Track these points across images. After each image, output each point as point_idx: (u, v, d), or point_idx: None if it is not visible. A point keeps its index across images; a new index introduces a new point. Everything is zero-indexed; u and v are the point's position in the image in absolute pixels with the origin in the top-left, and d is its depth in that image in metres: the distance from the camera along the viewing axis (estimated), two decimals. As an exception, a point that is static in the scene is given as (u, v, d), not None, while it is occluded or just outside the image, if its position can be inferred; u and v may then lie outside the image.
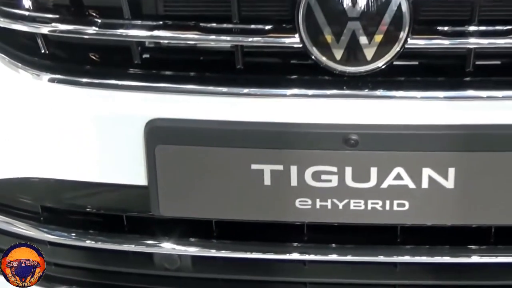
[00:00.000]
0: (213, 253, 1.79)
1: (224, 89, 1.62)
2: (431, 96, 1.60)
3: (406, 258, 1.76)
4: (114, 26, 1.63)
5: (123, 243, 1.83)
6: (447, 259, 1.76)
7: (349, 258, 1.78)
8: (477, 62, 1.59)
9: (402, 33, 1.53)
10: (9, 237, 2.00)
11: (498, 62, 1.64)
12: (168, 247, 1.78)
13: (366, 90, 1.59)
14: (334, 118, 1.61)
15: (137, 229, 1.82)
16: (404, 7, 1.51)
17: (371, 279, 1.85)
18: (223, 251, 1.78)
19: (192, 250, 1.79)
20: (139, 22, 1.63)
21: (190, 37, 1.64)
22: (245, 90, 1.61)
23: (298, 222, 1.72)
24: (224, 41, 1.63)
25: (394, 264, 1.79)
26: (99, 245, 1.83)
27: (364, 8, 1.51)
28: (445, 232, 1.75)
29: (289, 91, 1.60)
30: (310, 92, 1.60)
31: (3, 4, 1.67)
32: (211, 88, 1.63)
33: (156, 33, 1.62)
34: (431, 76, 1.61)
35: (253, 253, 1.78)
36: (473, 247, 1.75)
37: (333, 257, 1.77)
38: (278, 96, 1.62)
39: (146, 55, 1.66)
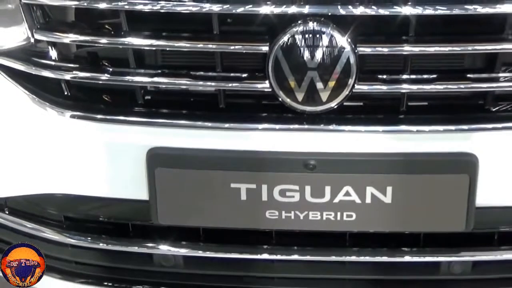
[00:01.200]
0: (200, 253, 1.78)
1: (209, 124, 1.62)
2: (373, 130, 1.61)
3: (353, 258, 1.76)
4: (122, 74, 1.64)
5: (129, 245, 1.81)
6: (385, 259, 1.76)
7: (308, 258, 1.77)
8: (409, 103, 1.61)
9: (350, 80, 1.54)
10: (38, 240, 1.91)
11: (426, 103, 1.66)
12: (164, 248, 1.78)
13: (322, 125, 1.60)
14: (296, 147, 1.61)
15: (140, 234, 1.81)
16: (352, 60, 1.52)
17: (325, 274, 1.84)
18: (208, 252, 1.77)
19: (184, 251, 1.78)
20: (142, 70, 1.64)
21: (183, 83, 1.64)
22: (226, 125, 1.62)
23: (268, 229, 1.71)
24: (210, 86, 1.64)
25: (344, 262, 1.79)
26: (109, 247, 1.81)
27: (320, 60, 1.52)
28: (385, 237, 1.75)
29: (260, 126, 1.61)
30: (277, 126, 1.61)
31: (34, 56, 1.67)
32: (199, 123, 1.63)
33: (155, 79, 1.63)
34: (373, 114, 1.62)
35: (232, 253, 1.77)
36: (406, 249, 1.76)
37: (295, 257, 1.76)
38: (252, 130, 1.63)
39: (147, 97, 1.67)
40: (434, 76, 1.60)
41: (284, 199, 1.61)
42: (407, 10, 1.52)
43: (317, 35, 1.53)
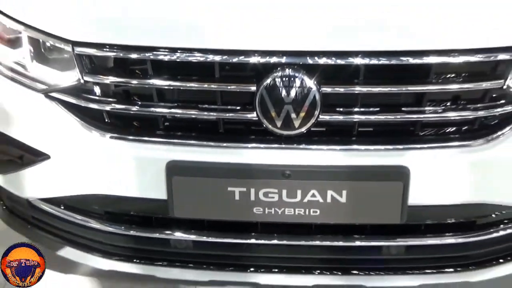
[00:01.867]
0: (204, 238, 1.81)
1: (212, 143, 1.67)
2: (332, 148, 1.65)
3: (317, 242, 1.78)
4: (148, 106, 1.69)
5: (151, 232, 1.83)
6: (341, 243, 1.79)
7: (284, 242, 1.79)
8: (359, 129, 1.66)
9: (316, 112, 1.58)
10: (85, 229, 1.90)
11: (371, 129, 1.69)
12: (178, 235, 1.80)
13: (295, 145, 1.64)
14: (276, 161, 1.66)
15: (160, 225, 1.83)
16: (317, 97, 1.56)
17: (297, 254, 1.86)
18: (210, 238, 1.80)
19: (192, 237, 1.81)
20: (162, 104, 1.69)
21: (192, 113, 1.68)
22: (224, 144, 1.67)
23: (255, 221, 1.74)
24: (212, 116, 1.68)
25: (311, 246, 1.82)
26: (137, 234, 1.84)
27: (293, 97, 1.57)
28: (341, 228, 1.77)
29: (249, 145, 1.66)
30: (262, 145, 1.65)
31: (83, 92, 1.71)
32: (204, 143, 1.68)
33: (172, 110, 1.68)
34: (333, 136, 1.66)
35: (228, 239, 1.81)
36: (356, 236, 1.78)
37: (275, 241, 1.78)
38: (243, 148, 1.67)
39: (166, 123, 1.71)
40: (378, 109, 1.63)
41: (266, 199, 1.65)
42: (358, 60, 1.56)
43: (292, 79, 1.57)
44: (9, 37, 1.80)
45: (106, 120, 1.70)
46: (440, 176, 1.64)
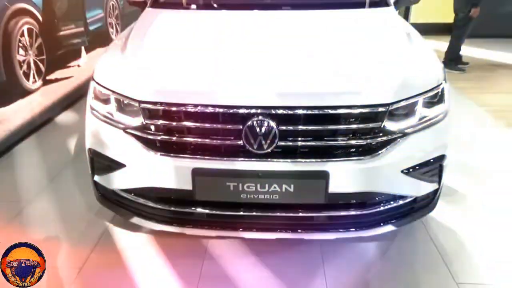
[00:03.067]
0: (214, 212, 1.75)
1: (217, 158, 1.67)
2: (285, 161, 1.64)
3: (277, 214, 1.74)
4: (181, 137, 1.69)
5: (183, 208, 1.78)
6: (291, 214, 1.74)
7: (259, 214, 1.74)
8: (301, 149, 1.66)
9: (276, 140, 1.61)
10: (145, 206, 1.83)
11: (307, 150, 1.67)
12: (199, 209, 1.76)
13: (264, 158, 1.64)
14: (253, 167, 1.65)
15: (188, 203, 1.77)
16: (277, 132, 1.60)
17: (266, 220, 1.79)
18: (216, 211, 1.75)
19: (206, 211, 1.75)
20: (189, 135, 1.69)
21: (206, 141, 1.67)
22: (225, 159, 1.67)
23: (241, 202, 1.70)
24: (217, 142, 1.67)
25: (274, 216, 1.75)
26: (175, 209, 1.79)
27: (263, 132, 1.59)
28: (293, 206, 1.73)
29: (238, 159, 1.66)
30: (245, 159, 1.65)
31: (145, 129, 1.71)
32: (213, 157, 1.67)
33: (195, 140, 1.68)
34: (286, 154, 1.66)
35: (227, 212, 1.75)
36: (301, 210, 1.73)
37: (253, 213, 1.74)
38: (235, 160, 1.66)
39: (192, 146, 1.69)
40: (311, 138, 1.66)
41: (248, 189, 1.66)
42: (299, 111, 1.61)
43: (262, 122, 1.61)
44: (102, 98, 1.87)
45: (157, 145, 1.72)
46: (347, 176, 1.66)
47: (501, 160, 3.08)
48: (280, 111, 1.61)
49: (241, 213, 1.75)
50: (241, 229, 1.82)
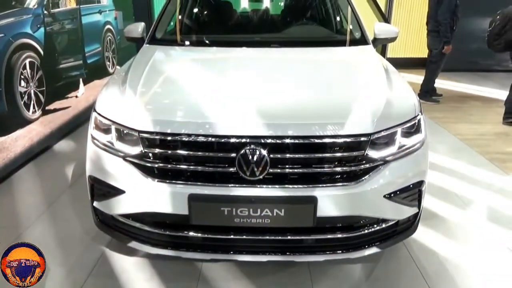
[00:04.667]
0: (207, 235, 1.76)
1: (211, 184, 1.69)
2: (276, 187, 1.67)
3: (267, 237, 1.75)
4: (177, 165, 1.71)
5: (179, 232, 1.78)
6: (281, 237, 1.76)
7: (251, 237, 1.76)
8: (290, 176, 1.69)
9: (267, 167, 1.64)
10: (142, 231, 1.84)
11: (297, 176, 1.70)
12: (194, 233, 1.77)
13: (256, 185, 1.67)
14: (246, 193, 1.67)
15: (184, 228, 1.78)
16: (268, 160, 1.63)
17: (258, 244, 1.80)
18: (210, 235, 1.77)
19: (201, 235, 1.76)
20: (185, 163, 1.71)
21: (201, 168, 1.70)
22: (218, 185, 1.69)
23: (234, 225, 1.70)
24: (212, 170, 1.70)
25: (265, 240, 1.77)
26: (171, 233, 1.79)
27: (256, 160, 1.62)
28: (281, 229, 1.76)
29: (232, 185, 1.68)
30: (238, 185, 1.68)
31: (144, 157, 1.73)
32: (208, 184, 1.69)
33: (190, 167, 1.70)
34: (277, 180, 1.69)
35: (221, 235, 1.77)
36: (290, 234, 1.76)
37: (246, 237, 1.75)
38: (229, 187, 1.68)
39: (188, 173, 1.71)
40: (300, 166, 1.69)
41: (241, 214, 1.67)
42: (288, 141, 1.65)
43: (254, 151, 1.64)
44: (103, 128, 1.89)
45: (155, 172, 1.74)
46: (333, 201, 1.68)
47: (474, 184, 3.15)
48: (271, 141, 1.65)
49: (235, 236, 1.76)
50: (234, 252, 1.82)
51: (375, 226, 1.81)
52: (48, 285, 1.91)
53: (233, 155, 1.65)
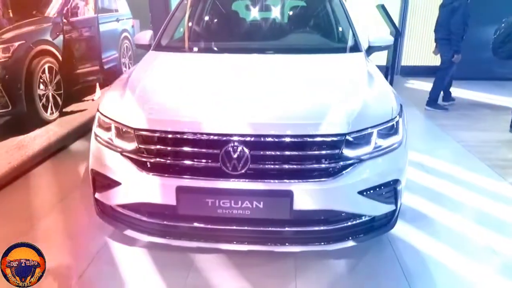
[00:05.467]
0: (195, 225, 1.86)
1: (198, 177, 1.79)
2: (256, 181, 1.76)
3: (246, 228, 1.84)
4: (168, 160, 1.84)
5: (168, 221, 1.88)
6: (261, 228, 1.84)
7: (233, 227, 1.84)
8: (270, 172, 1.78)
9: (248, 163, 1.75)
10: (136, 219, 1.93)
11: (276, 172, 1.79)
12: (181, 222, 1.87)
13: (238, 179, 1.77)
14: (229, 186, 1.77)
15: (172, 217, 1.87)
16: (248, 156, 1.75)
17: (239, 234, 1.89)
18: (196, 224, 1.86)
19: (188, 224, 1.86)
20: (176, 158, 1.82)
21: (189, 163, 1.80)
22: (203, 178, 1.79)
23: (218, 216, 1.79)
24: (198, 165, 1.80)
25: (244, 230, 1.86)
26: (161, 222, 1.89)
27: (237, 156, 1.74)
28: (261, 220, 1.83)
29: (215, 179, 1.78)
30: (222, 179, 1.78)
31: (139, 152, 1.85)
32: (195, 177, 1.79)
33: (180, 162, 1.82)
34: (257, 175, 1.77)
35: (205, 225, 1.85)
36: (269, 225, 1.84)
37: (228, 227, 1.84)
38: (213, 180, 1.78)
39: (177, 168, 1.82)
40: (279, 161, 1.79)
41: (224, 205, 1.77)
42: (268, 139, 1.76)
43: (236, 148, 1.76)
44: (105, 126, 2.05)
45: (148, 166, 1.86)
46: (310, 195, 1.77)
47: (468, 188, 3.19)
48: (252, 139, 1.76)
49: (217, 226, 1.86)
50: (218, 241, 1.92)
51: (351, 220, 1.89)
52: (52, 270, 2.07)
53: (217, 151, 1.76)
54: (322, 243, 1.90)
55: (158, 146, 1.85)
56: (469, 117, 5.23)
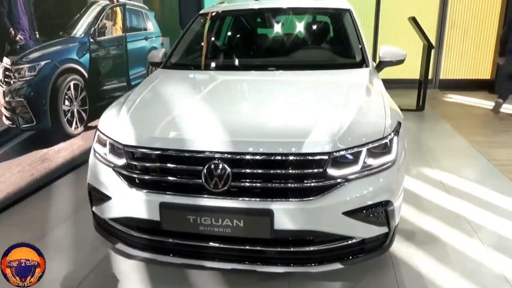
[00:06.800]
0: (177, 241, 1.89)
1: (179, 194, 1.83)
2: (237, 199, 1.77)
3: (228, 246, 1.85)
4: (154, 176, 1.90)
5: (152, 236, 1.92)
6: (240, 247, 1.84)
7: (211, 244, 1.85)
8: (251, 190, 1.79)
9: (229, 181, 1.77)
10: (126, 233, 1.98)
11: (257, 190, 1.79)
12: (165, 238, 1.90)
13: (219, 196, 1.79)
14: (210, 203, 1.79)
15: (156, 232, 1.91)
16: (230, 174, 1.76)
17: (218, 251, 1.89)
18: (178, 240, 1.89)
19: (171, 239, 1.89)
20: (161, 175, 1.89)
21: (173, 179, 1.84)
22: (186, 195, 1.83)
23: (199, 233, 1.81)
24: (181, 181, 1.84)
25: (225, 248, 1.86)
26: (146, 236, 1.93)
27: (219, 174, 1.75)
28: (241, 239, 1.83)
29: (198, 195, 1.81)
30: (204, 196, 1.80)
31: (128, 168, 1.92)
32: (178, 194, 1.83)
33: (163, 178, 1.87)
34: (237, 193, 1.79)
35: (186, 241, 1.89)
36: (249, 244, 1.83)
37: (207, 244, 1.86)
38: (195, 197, 1.81)
39: (163, 184, 1.87)
40: (260, 180, 1.79)
41: (205, 222, 1.79)
42: (247, 157, 1.76)
43: (218, 165, 1.78)
44: (103, 142, 2.13)
45: (136, 181, 1.93)
46: (291, 215, 1.75)
47: (492, 211, 3.00)
48: (233, 156, 1.77)
49: (199, 244, 1.88)
50: (201, 258, 1.93)
51: (338, 242, 1.84)
52: (54, 276, 2.19)
53: (200, 168, 1.78)
54: (306, 265, 1.86)
55: (143, 163, 1.91)
56: (508, 134, 4.96)
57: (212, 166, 1.79)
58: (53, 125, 3.66)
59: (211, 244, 1.88)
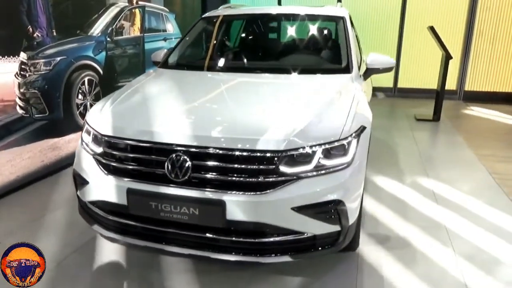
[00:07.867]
0: (139, 224, 2.00)
1: (146, 182, 1.96)
2: (194, 189, 1.89)
3: (185, 232, 1.94)
4: (123, 164, 2.05)
5: (121, 219, 2.05)
6: (195, 234, 1.94)
7: (170, 230, 1.95)
8: (209, 182, 1.90)
9: (189, 172, 1.90)
10: (99, 217, 2.11)
11: (218, 183, 1.89)
12: (132, 221, 2.02)
13: (179, 186, 1.91)
14: (171, 192, 1.91)
15: (123, 215, 2.03)
16: (190, 165, 1.89)
17: (179, 237, 1.97)
18: (142, 224, 2.00)
19: (136, 223, 2.00)
20: (129, 163, 2.04)
21: (140, 168, 1.99)
22: (150, 183, 1.96)
23: (160, 218, 1.91)
24: (147, 170, 1.98)
25: (182, 234, 1.96)
26: (116, 219, 2.06)
27: (180, 165, 1.88)
28: (197, 227, 1.92)
29: (160, 184, 1.93)
30: (165, 184, 1.92)
31: (105, 155, 2.09)
32: (143, 181, 1.96)
33: (132, 167, 2.01)
34: (198, 184, 1.90)
35: (148, 225, 1.99)
36: (204, 231, 1.93)
37: (169, 230, 1.96)
38: (158, 185, 1.93)
39: (132, 172, 2.03)
40: (217, 173, 1.91)
41: (165, 209, 1.91)
42: (208, 150, 1.88)
43: (180, 157, 1.91)
44: (88, 132, 2.30)
45: (110, 168, 2.07)
46: (240, 206, 1.85)
47: (477, 224, 2.97)
48: (193, 149, 1.90)
49: (161, 228, 2.00)
50: (162, 242, 2.03)
51: (287, 236, 1.92)
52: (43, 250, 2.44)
53: (164, 159, 1.92)
54: (256, 255, 1.95)
55: (116, 152, 2.08)
56: (513, 147, 4.89)
57: (175, 158, 1.93)
58: (65, 117, 3.96)
59: (171, 230, 2.00)
